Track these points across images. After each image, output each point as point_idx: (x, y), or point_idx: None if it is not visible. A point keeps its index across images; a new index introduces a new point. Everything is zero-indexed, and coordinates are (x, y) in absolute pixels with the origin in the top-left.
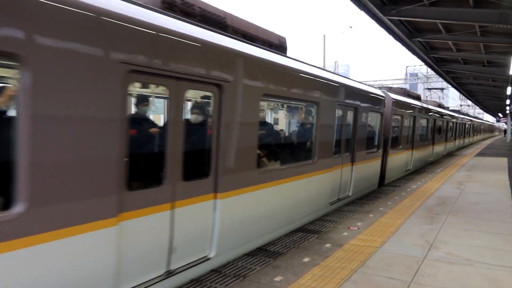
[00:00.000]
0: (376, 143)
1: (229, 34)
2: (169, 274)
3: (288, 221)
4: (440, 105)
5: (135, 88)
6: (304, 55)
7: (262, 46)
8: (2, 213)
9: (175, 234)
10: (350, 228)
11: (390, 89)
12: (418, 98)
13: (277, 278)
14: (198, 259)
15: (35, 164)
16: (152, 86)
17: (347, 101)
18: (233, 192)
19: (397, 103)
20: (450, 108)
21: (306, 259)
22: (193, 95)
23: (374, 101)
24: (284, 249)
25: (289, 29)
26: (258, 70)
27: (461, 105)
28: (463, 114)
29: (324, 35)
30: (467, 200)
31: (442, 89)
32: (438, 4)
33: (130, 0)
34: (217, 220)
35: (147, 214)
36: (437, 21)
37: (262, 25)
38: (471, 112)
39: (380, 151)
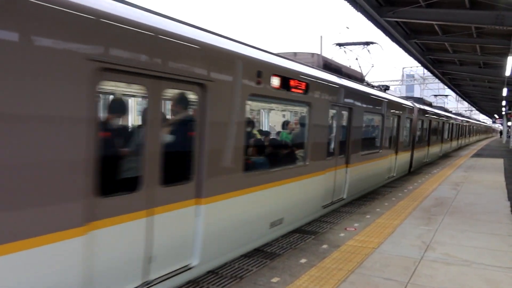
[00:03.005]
0: None
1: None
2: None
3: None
4: (361, 79)
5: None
6: None
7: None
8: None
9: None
10: (347, 229)
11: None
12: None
13: (274, 280)
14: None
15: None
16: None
17: None
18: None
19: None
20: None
21: (303, 260)
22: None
23: None
24: (281, 250)
25: (286, 29)
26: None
27: (436, 96)
28: (437, 108)
29: (321, 36)
30: (464, 201)
31: (366, 43)
32: (435, 6)
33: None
34: None
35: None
36: (434, 22)
37: (259, 24)
38: (453, 108)
39: None
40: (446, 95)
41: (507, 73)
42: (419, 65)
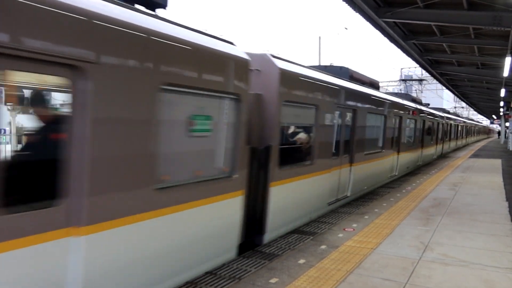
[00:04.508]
0: None
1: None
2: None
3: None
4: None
5: None
6: (300, 56)
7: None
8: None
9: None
10: (346, 229)
11: None
12: None
13: (273, 280)
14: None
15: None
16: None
17: None
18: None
19: None
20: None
21: (301, 261)
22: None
23: None
24: (280, 251)
25: (284, 30)
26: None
27: (405, 81)
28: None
29: (320, 37)
30: (462, 202)
31: None
32: (433, 7)
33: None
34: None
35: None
36: (432, 23)
37: (258, 25)
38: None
39: None
40: (421, 80)
41: (505, 74)
42: (417, 65)
